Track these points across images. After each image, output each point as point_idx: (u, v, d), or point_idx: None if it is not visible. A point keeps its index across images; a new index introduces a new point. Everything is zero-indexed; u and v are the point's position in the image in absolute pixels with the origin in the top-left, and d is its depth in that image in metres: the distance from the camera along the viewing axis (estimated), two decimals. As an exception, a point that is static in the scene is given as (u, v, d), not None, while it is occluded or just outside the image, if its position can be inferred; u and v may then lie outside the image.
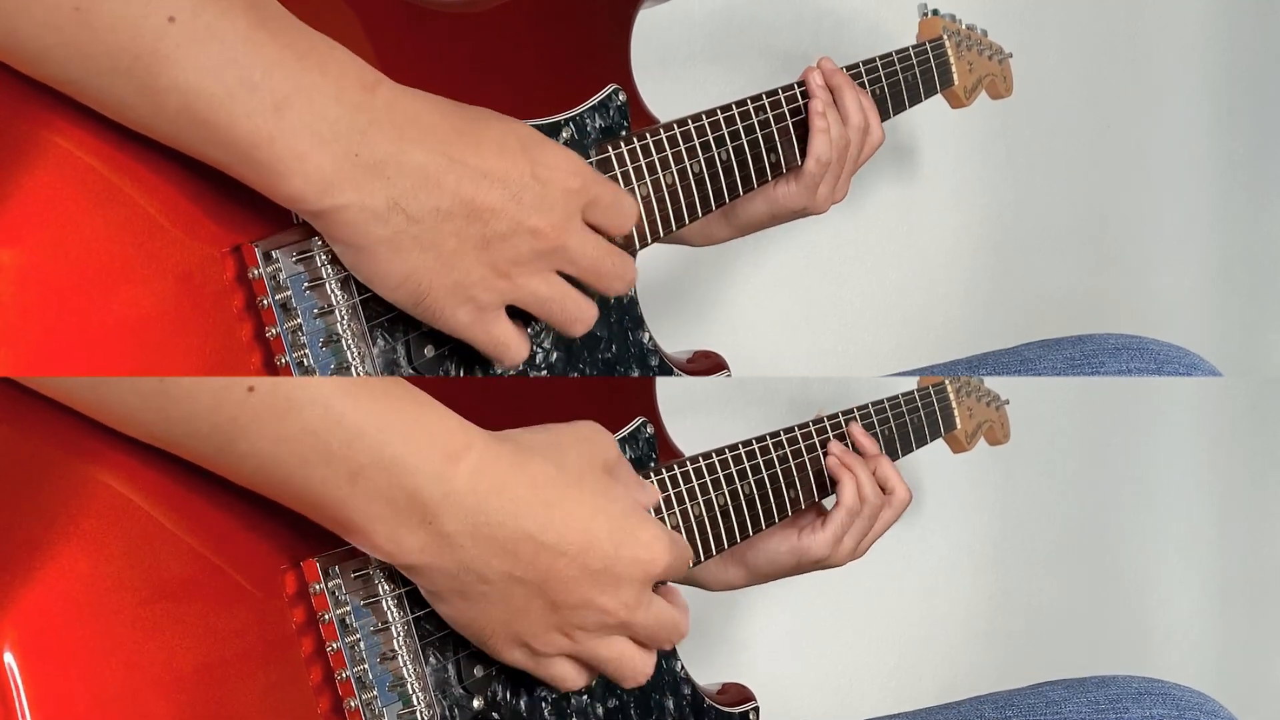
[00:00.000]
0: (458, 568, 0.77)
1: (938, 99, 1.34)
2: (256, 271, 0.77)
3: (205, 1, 0.70)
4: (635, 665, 0.84)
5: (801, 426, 1.14)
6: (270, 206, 0.76)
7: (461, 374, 0.88)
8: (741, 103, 1.08)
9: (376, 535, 0.76)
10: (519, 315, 0.85)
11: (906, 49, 1.27)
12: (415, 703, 0.82)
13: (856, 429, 1.18)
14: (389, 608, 0.81)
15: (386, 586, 0.81)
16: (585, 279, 0.85)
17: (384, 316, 0.83)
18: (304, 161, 0.73)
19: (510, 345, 0.84)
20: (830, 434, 1.17)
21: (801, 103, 1.14)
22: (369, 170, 0.75)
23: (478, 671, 0.85)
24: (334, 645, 0.79)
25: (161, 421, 0.72)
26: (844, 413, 1.20)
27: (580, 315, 0.86)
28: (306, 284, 0.79)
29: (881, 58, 1.23)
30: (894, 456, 1.24)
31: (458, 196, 0.78)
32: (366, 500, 0.75)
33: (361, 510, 0.75)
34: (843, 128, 1.15)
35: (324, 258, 0.79)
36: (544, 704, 0.89)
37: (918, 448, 1.29)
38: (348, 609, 0.79)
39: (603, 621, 0.81)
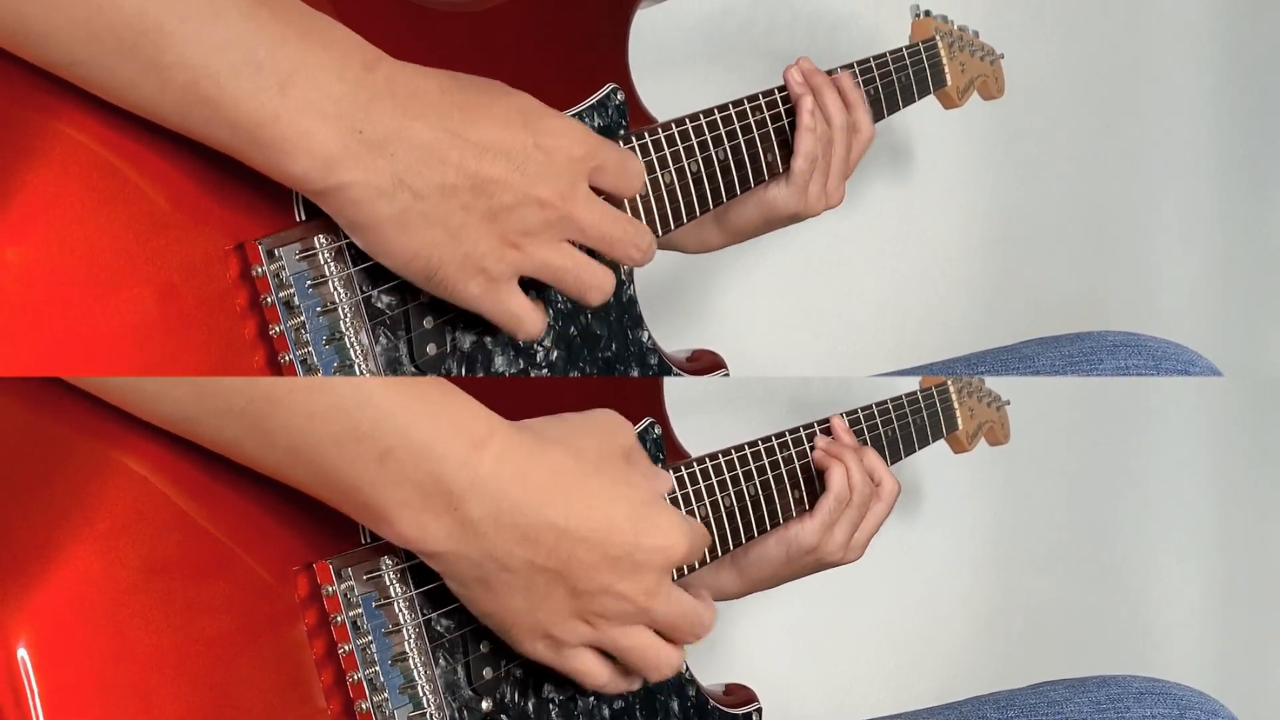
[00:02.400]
0: (480, 555, 0.78)
1: (930, 100, 1.34)
2: (260, 269, 0.77)
3: None
4: (659, 656, 0.83)
5: (806, 427, 1.14)
6: (273, 203, 0.76)
7: (463, 373, 0.88)
8: (738, 102, 1.08)
9: (402, 521, 0.76)
10: (534, 290, 0.85)
11: (900, 50, 1.27)
12: (425, 704, 0.81)
13: (839, 423, 1.17)
14: (400, 610, 0.81)
15: (398, 589, 0.81)
16: (598, 247, 0.85)
17: (387, 314, 0.83)
18: (309, 139, 0.73)
19: (524, 317, 0.83)
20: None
21: (795, 103, 1.13)
22: (373, 147, 0.75)
23: (487, 674, 0.85)
24: (345, 647, 0.79)
25: (195, 400, 0.72)
26: (847, 413, 1.20)
27: (596, 282, 0.85)
28: (309, 282, 0.79)
29: (875, 58, 1.23)
30: (896, 458, 1.24)
31: (462, 170, 0.78)
32: (394, 483, 0.75)
33: (388, 494, 0.75)
34: (827, 126, 1.14)
35: (327, 255, 0.79)
36: (551, 705, 0.88)
37: (920, 448, 1.29)
38: (359, 611, 0.79)
39: (622, 609, 0.81)
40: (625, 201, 0.97)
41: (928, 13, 1.34)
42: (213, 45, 0.70)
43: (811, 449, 1.13)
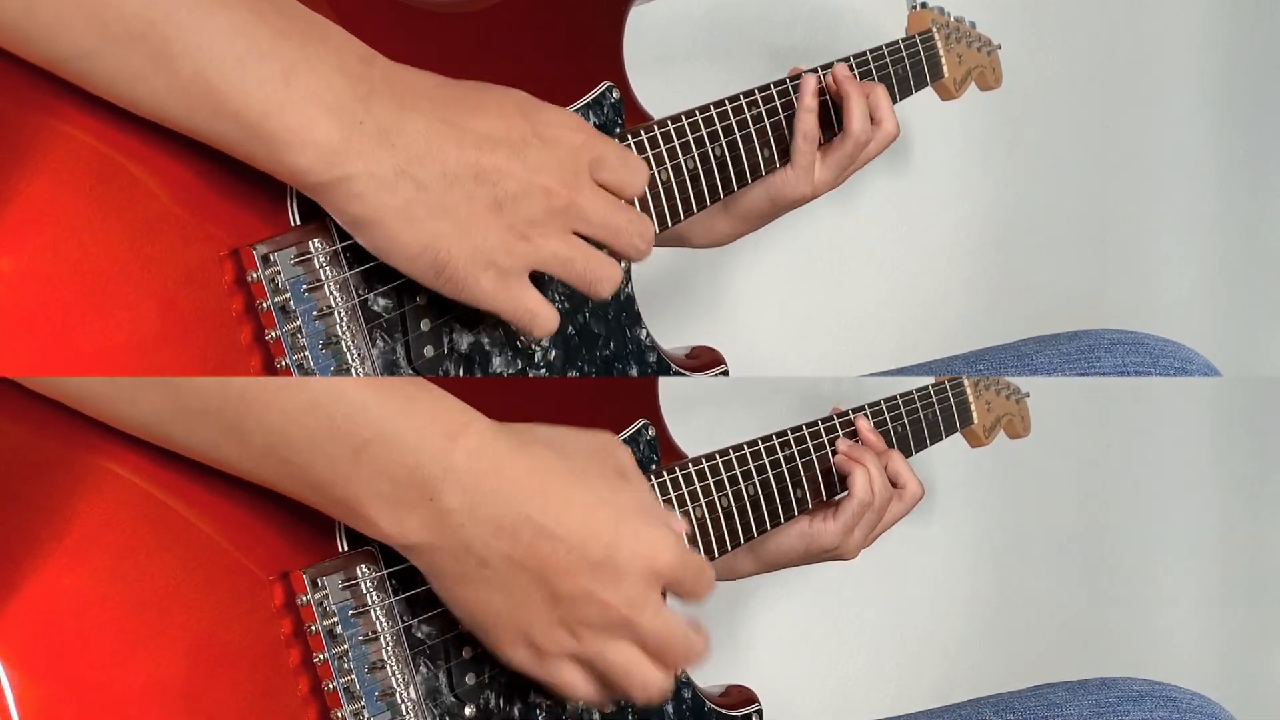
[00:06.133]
0: (458, 548, 0.77)
1: (928, 92, 1.34)
2: (255, 275, 0.77)
3: None
4: (645, 676, 0.81)
5: (809, 425, 1.13)
6: (268, 209, 0.76)
7: (461, 374, 0.87)
8: (735, 98, 1.08)
9: (379, 514, 0.76)
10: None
11: (896, 42, 1.27)
12: (404, 712, 0.81)
13: (864, 424, 1.17)
14: (378, 618, 0.80)
15: (376, 597, 0.80)
16: (601, 238, 0.85)
17: (384, 317, 0.82)
18: (312, 130, 0.73)
19: (539, 313, 0.83)
20: (840, 432, 1.15)
21: (794, 96, 1.13)
22: (374, 138, 0.75)
23: (469, 680, 0.84)
24: (320, 656, 0.79)
25: (171, 403, 0.72)
26: (855, 410, 1.19)
27: (605, 274, 0.84)
28: (305, 286, 0.79)
29: (872, 51, 1.23)
30: (908, 453, 1.23)
31: (462, 160, 0.78)
32: (370, 477, 0.75)
33: (364, 487, 0.75)
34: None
35: (322, 260, 0.79)
36: (538, 711, 0.88)
37: (933, 443, 1.28)
38: (335, 620, 0.79)
39: (605, 617, 0.80)
40: None
41: (924, 5, 1.34)
42: (219, 36, 0.71)
43: (817, 448, 1.13)
